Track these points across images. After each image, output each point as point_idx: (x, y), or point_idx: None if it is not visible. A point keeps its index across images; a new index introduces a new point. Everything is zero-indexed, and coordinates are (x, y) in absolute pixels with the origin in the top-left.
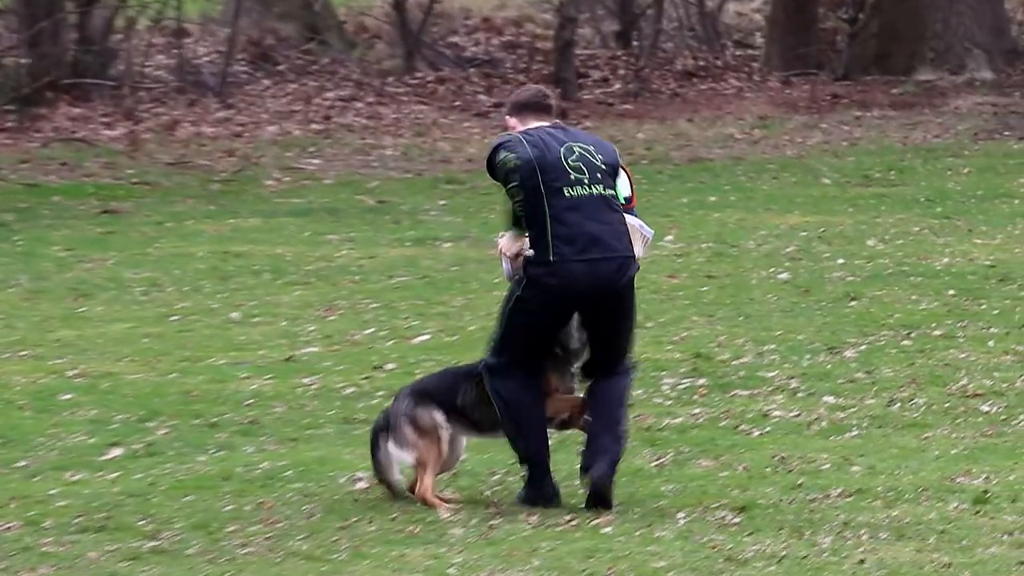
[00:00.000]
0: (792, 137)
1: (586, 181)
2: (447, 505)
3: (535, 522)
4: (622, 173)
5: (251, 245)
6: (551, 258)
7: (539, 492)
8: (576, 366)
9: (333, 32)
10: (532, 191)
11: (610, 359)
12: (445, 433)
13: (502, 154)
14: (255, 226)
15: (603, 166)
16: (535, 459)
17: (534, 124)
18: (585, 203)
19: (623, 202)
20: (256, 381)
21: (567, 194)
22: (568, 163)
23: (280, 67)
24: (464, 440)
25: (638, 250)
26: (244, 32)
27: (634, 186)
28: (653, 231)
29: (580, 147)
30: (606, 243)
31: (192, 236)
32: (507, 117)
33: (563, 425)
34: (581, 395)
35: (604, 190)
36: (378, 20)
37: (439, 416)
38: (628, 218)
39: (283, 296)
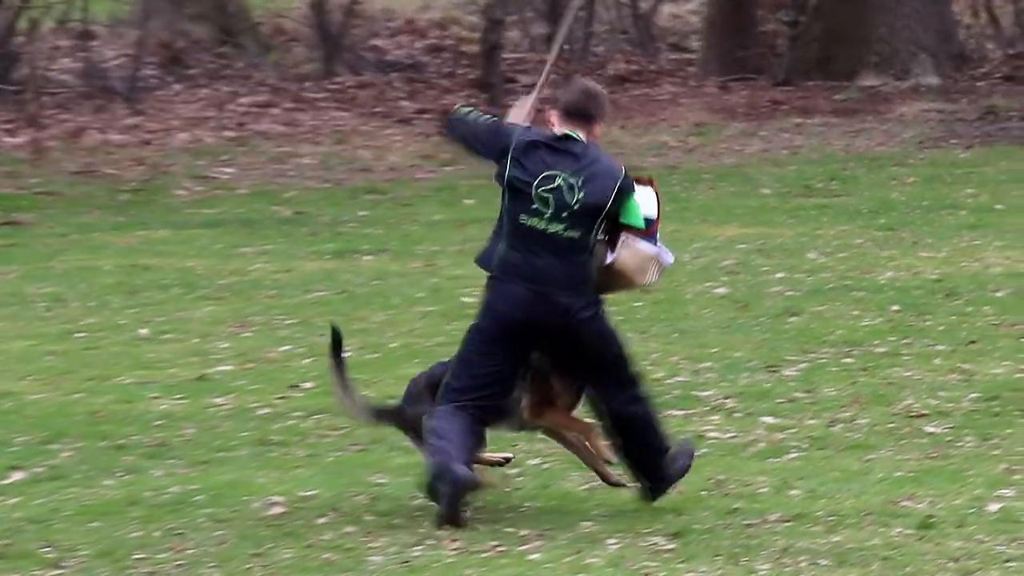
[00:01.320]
0: (730, 145)
1: (547, 216)
2: None
3: (459, 548)
4: (644, 193)
5: (161, 258)
6: (492, 269)
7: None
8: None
9: (248, 34)
10: (503, 196)
11: (608, 392)
12: None
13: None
14: (165, 238)
15: (577, 206)
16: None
17: (565, 127)
18: (535, 236)
19: (640, 227)
20: (166, 401)
21: (522, 220)
22: (537, 192)
23: (192, 71)
24: None
25: (653, 279)
26: (154, 34)
27: (660, 208)
28: (673, 258)
29: (564, 179)
30: (543, 281)
31: (99, 249)
32: (550, 110)
33: (562, 439)
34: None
35: (564, 231)
36: (296, 22)
37: None
38: (641, 245)
39: (194, 312)
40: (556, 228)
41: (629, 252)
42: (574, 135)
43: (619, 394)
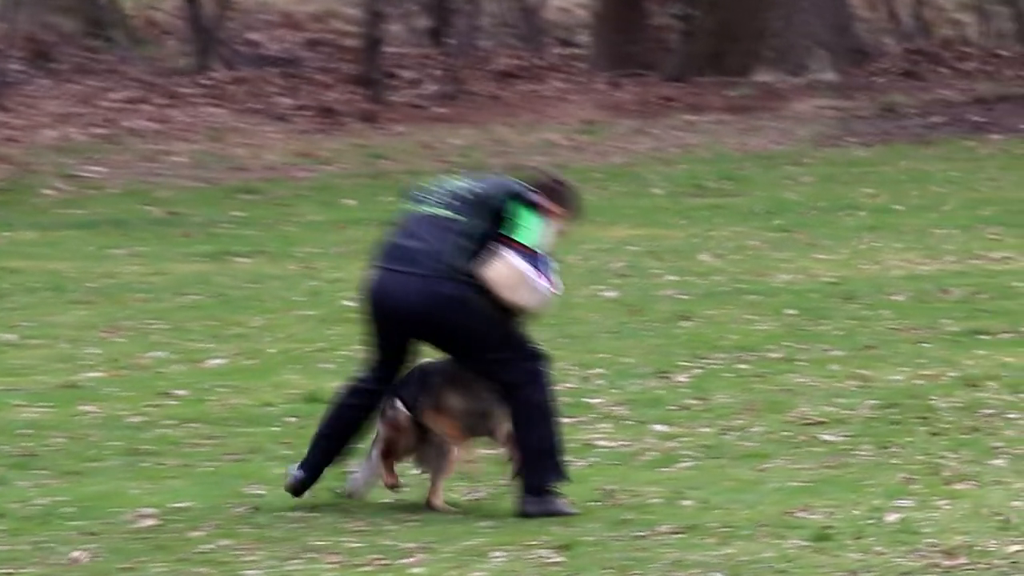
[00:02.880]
0: (620, 143)
1: (431, 201)
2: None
3: (338, 561)
4: (528, 213)
5: (28, 260)
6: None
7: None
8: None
9: (118, 28)
10: None
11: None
12: None
13: None
14: (32, 240)
15: (466, 194)
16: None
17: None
18: (415, 219)
19: (527, 243)
20: (32, 409)
21: (410, 209)
22: (431, 187)
23: (60, 65)
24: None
25: (526, 299)
26: (19, 27)
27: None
28: (556, 287)
29: (460, 178)
30: (415, 259)
31: None
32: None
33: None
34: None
35: (443, 211)
36: (168, 15)
37: None
38: (514, 259)
39: (63, 316)
40: (437, 209)
41: (502, 263)
42: None
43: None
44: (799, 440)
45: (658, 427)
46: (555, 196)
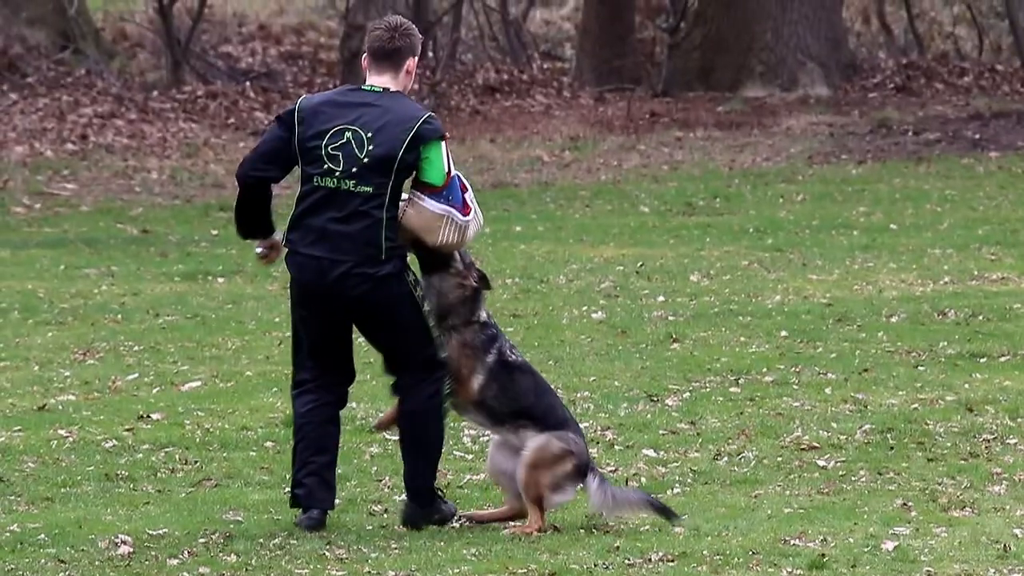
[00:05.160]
0: (606, 160)
1: (337, 174)
2: None
3: None
4: (437, 147)
5: None
6: (284, 243)
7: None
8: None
9: (90, 40)
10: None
11: (398, 371)
12: None
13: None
14: (2, 258)
15: (367, 160)
16: (295, 482)
17: (373, 76)
18: (328, 197)
19: (437, 183)
20: (4, 433)
21: (315, 182)
22: (326, 151)
23: (29, 79)
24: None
25: (448, 238)
26: None
27: (450, 160)
28: (474, 214)
29: (353, 132)
30: (335, 244)
31: None
32: (362, 57)
33: None
34: None
35: (356, 187)
36: (140, 27)
37: None
38: (427, 203)
39: (35, 337)
40: (347, 184)
41: (414, 210)
42: (368, 88)
43: (409, 376)
44: (793, 466)
45: (648, 452)
46: (406, 44)
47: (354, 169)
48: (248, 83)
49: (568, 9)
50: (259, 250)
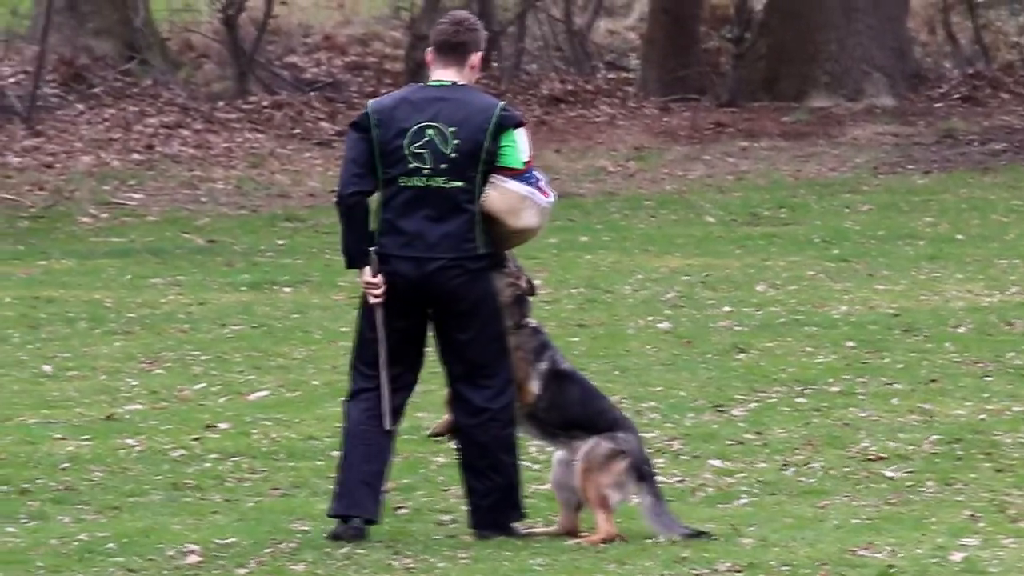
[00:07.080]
0: (671, 170)
1: (426, 172)
2: None
3: None
4: (516, 134)
5: (65, 290)
6: (375, 248)
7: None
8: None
9: (155, 51)
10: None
11: (468, 377)
12: None
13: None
14: (69, 268)
15: (454, 155)
16: (340, 489)
17: (439, 71)
18: (418, 196)
19: (518, 167)
20: (72, 442)
21: (400, 183)
22: (410, 150)
23: (96, 90)
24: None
25: (530, 221)
26: (54, 50)
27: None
28: (552, 197)
29: (434, 128)
30: (434, 244)
31: None
32: (427, 51)
33: None
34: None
35: (447, 183)
36: (206, 37)
37: None
38: (511, 185)
39: (102, 347)
40: (438, 182)
41: (497, 192)
42: (436, 83)
43: (475, 386)
44: (860, 476)
45: (715, 462)
46: (471, 39)
47: (443, 165)
48: (313, 93)
49: (633, 19)
50: (370, 278)
